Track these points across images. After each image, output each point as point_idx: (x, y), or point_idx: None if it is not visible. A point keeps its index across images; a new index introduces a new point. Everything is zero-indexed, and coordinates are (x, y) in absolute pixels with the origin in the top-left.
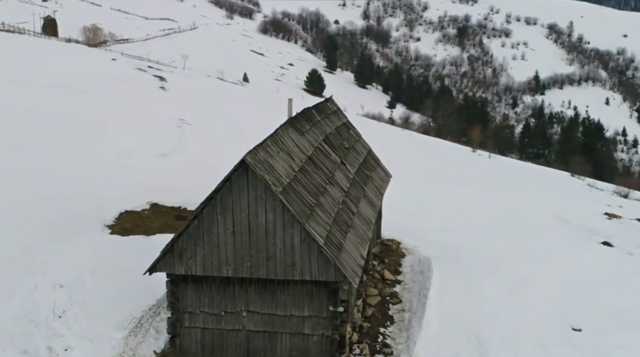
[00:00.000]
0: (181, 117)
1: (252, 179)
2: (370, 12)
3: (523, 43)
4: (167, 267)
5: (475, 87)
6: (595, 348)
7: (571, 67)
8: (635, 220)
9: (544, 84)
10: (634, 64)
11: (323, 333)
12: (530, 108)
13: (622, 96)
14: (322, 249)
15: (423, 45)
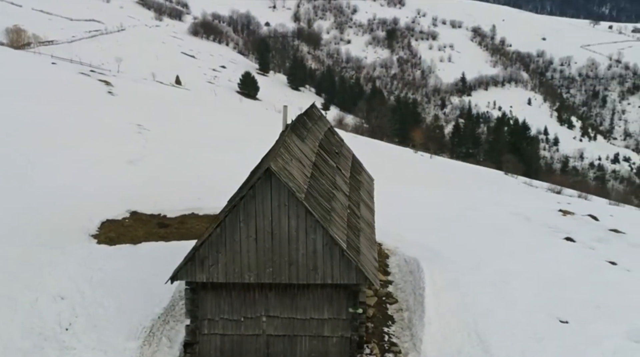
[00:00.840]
0: (138, 123)
1: (276, 186)
2: (300, 14)
3: (449, 46)
4: (188, 275)
5: (405, 88)
6: (584, 339)
7: (495, 69)
8: (587, 215)
9: (470, 86)
10: (553, 66)
11: (342, 334)
12: (458, 109)
13: (543, 97)
14: (345, 253)
15: (354, 48)
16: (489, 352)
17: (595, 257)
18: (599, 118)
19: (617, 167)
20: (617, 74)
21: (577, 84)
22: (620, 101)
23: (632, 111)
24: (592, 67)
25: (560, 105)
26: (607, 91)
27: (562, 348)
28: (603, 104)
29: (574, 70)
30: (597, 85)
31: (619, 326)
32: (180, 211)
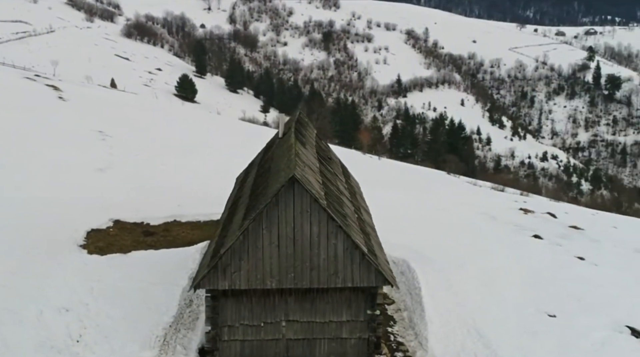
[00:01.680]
0: (99, 129)
1: (298, 194)
2: (236, 16)
3: (384, 48)
4: (211, 283)
5: (343, 90)
6: (573, 331)
7: (429, 71)
8: (546, 213)
9: (406, 87)
10: (484, 68)
11: (360, 336)
12: (394, 110)
13: (475, 97)
14: (365, 256)
15: (290, 50)
16: (490, 348)
17: (564, 253)
18: (528, 118)
19: (545, 165)
20: (543, 75)
21: (507, 85)
22: (547, 101)
23: (558, 111)
24: (520, 68)
25: (492, 105)
26: (535, 92)
27: (555, 341)
28: (531, 104)
29: (504, 72)
30: (525, 86)
31: (601, 319)
32: (162, 219)
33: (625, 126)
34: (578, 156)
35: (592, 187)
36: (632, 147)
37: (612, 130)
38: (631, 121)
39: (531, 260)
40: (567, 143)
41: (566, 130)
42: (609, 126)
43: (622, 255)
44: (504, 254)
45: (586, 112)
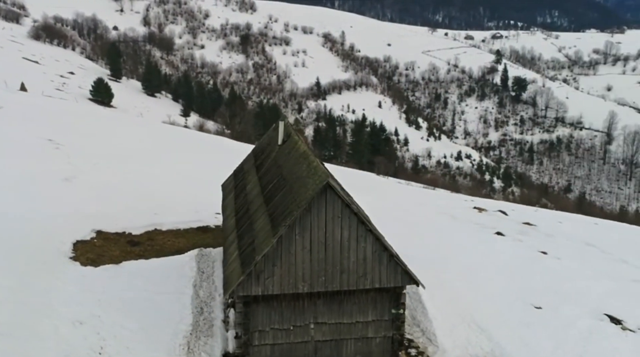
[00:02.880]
0: (48, 138)
1: (330, 200)
2: (150, 18)
3: (302, 51)
4: (244, 289)
5: (263, 93)
6: (560, 321)
7: (347, 74)
8: (497, 211)
9: (325, 90)
10: (399, 71)
11: (385, 334)
12: (314, 113)
13: (392, 99)
14: (394, 258)
15: (208, 53)
16: (493, 340)
17: (528, 249)
18: (442, 119)
19: (460, 164)
20: (455, 77)
21: (421, 87)
22: (459, 103)
23: (469, 112)
24: (434, 71)
25: (408, 107)
26: (448, 94)
27: (548, 331)
28: (445, 105)
29: (418, 75)
30: (439, 88)
31: (581, 308)
32: (143, 228)
33: (531, 126)
34: (489, 155)
35: (504, 184)
36: (538, 145)
37: (519, 129)
38: (537, 121)
39: (502, 255)
40: (479, 143)
41: (478, 131)
42: (517, 126)
43: (576, 248)
44: (477, 251)
45: (496, 112)
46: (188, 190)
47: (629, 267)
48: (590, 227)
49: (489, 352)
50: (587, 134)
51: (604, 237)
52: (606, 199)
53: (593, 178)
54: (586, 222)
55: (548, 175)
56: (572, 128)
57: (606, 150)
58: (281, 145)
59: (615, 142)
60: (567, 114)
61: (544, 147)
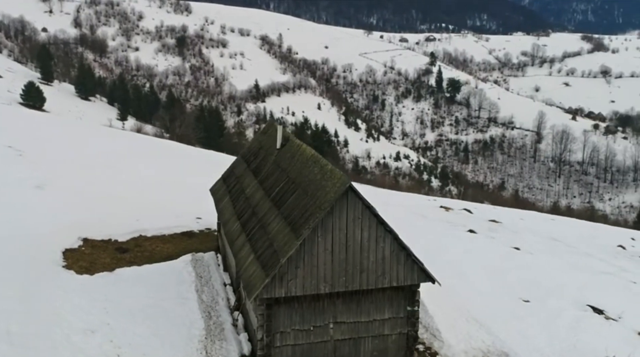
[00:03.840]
0: (8, 145)
1: (351, 201)
2: (81, 20)
3: (240, 53)
4: (268, 292)
5: (201, 96)
6: (548, 313)
7: (285, 76)
8: (463, 210)
9: (264, 92)
10: (337, 73)
11: (400, 331)
12: (254, 115)
13: (331, 101)
14: (411, 257)
15: (143, 55)
16: (492, 334)
17: (501, 245)
18: (380, 120)
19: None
20: (392, 79)
21: (359, 89)
22: (396, 104)
23: (406, 113)
24: (371, 73)
25: (347, 109)
26: (385, 95)
27: (540, 323)
28: (382, 107)
29: (355, 77)
30: (376, 90)
31: (564, 300)
32: (128, 234)
33: (466, 126)
34: (427, 155)
35: (441, 183)
36: (472, 145)
37: (455, 130)
38: (471, 121)
39: (481, 252)
40: (416, 143)
41: (415, 131)
42: (452, 126)
43: (543, 243)
44: (458, 248)
45: (431, 113)
46: (164, 195)
47: (594, 260)
48: (548, 223)
49: (491, 345)
50: (519, 133)
51: (564, 232)
52: (537, 195)
53: (525, 176)
54: (543, 219)
55: (483, 174)
56: (504, 128)
57: (536, 149)
58: (280, 149)
59: (545, 141)
60: (499, 114)
61: (478, 146)
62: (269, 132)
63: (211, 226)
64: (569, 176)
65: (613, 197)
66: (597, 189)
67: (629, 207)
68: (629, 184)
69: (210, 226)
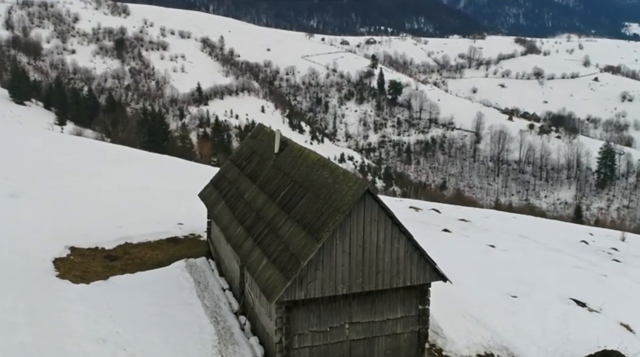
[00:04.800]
0: None
1: (368, 204)
2: (13, 22)
3: (181, 56)
4: (289, 294)
5: (142, 99)
6: (537, 307)
7: (228, 79)
8: (431, 210)
9: (207, 95)
10: (280, 75)
11: (412, 329)
12: (197, 118)
13: (274, 104)
14: (423, 256)
15: (80, 58)
16: (490, 329)
17: (478, 243)
18: (324, 122)
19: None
20: (334, 82)
21: (302, 92)
22: (339, 106)
23: (350, 115)
24: (314, 76)
25: (290, 111)
26: (328, 98)
27: (531, 317)
28: (326, 109)
29: (298, 79)
30: (319, 92)
31: (548, 295)
32: (114, 242)
33: (408, 127)
34: (370, 156)
35: (385, 184)
36: (414, 146)
37: (397, 131)
38: (412, 123)
39: (461, 250)
40: (360, 145)
41: (358, 133)
42: (395, 128)
43: (514, 240)
44: (440, 247)
45: (374, 115)
46: (141, 201)
47: (564, 255)
48: (511, 221)
49: (490, 340)
50: (458, 134)
51: (529, 229)
52: (478, 194)
53: (465, 175)
54: (505, 217)
55: (425, 174)
56: (445, 129)
57: (476, 149)
58: (278, 154)
59: (484, 141)
60: (439, 116)
61: (420, 147)
62: (259, 136)
63: (195, 231)
64: (507, 175)
65: (548, 194)
66: (533, 187)
67: (563, 203)
68: (563, 182)
69: (194, 231)
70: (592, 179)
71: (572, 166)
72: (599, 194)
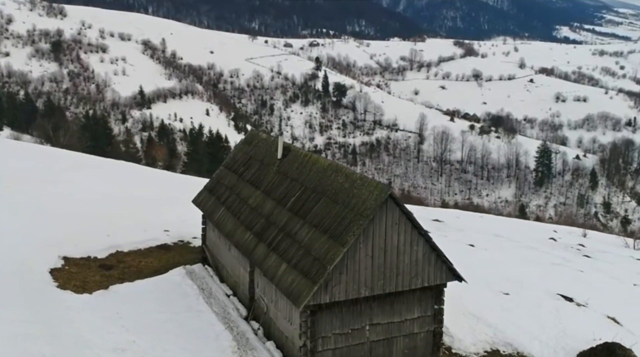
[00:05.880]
0: None
1: (390, 208)
2: None
3: (122, 59)
4: (315, 299)
5: (82, 103)
6: (529, 303)
7: (171, 82)
8: None
9: (149, 98)
10: (224, 78)
11: (428, 329)
12: (140, 122)
13: (219, 107)
14: (441, 258)
15: (15, 61)
16: (491, 326)
17: (456, 242)
18: (270, 125)
19: None
20: (279, 84)
21: (247, 94)
22: (285, 109)
23: (295, 117)
24: (258, 78)
25: (235, 114)
26: (273, 100)
27: (526, 313)
28: (271, 112)
29: (243, 82)
30: (264, 95)
31: (537, 291)
32: (105, 250)
33: (353, 129)
34: None
35: None
36: (360, 147)
37: (342, 133)
38: (357, 124)
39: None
40: (306, 147)
41: (304, 135)
42: (340, 130)
43: (490, 240)
44: None
45: (320, 117)
46: (121, 209)
47: (540, 252)
48: (479, 221)
49: (494, 336)
50: (402, 135)
51: (499, 228)
52: (422, 194)
53: (410, 175)
54: (473, 217)
55: (371, 175)
56: (389, 130)
57: (419, 150)
58: (282, 160)
59: (427, 142)
60: (383, 117)
61: (366, 148)
62: (254, 142)
63: (182, 238)
64: (450, 175)
65: (490, 193)
66: (475, 186)
67: (504, 201)
68: (504, 180)
69: (182, 238)
70: (530, 178)
71: (511, 165)
72: (537, 192)
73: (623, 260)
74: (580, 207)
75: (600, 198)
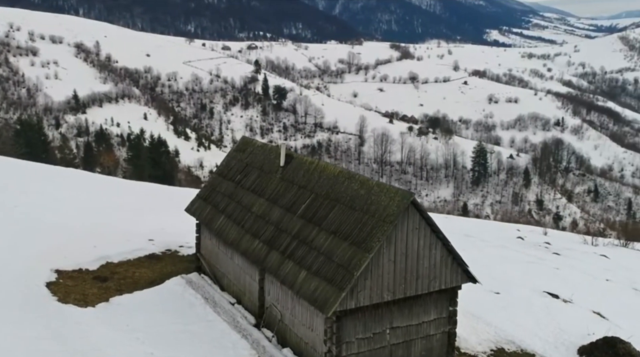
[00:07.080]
0: None
1: (411, 213)
2: None
3: (53, 62)
4: (341, 304)
5: (12, 109)
6: (521, 302)
7: (107, 86)
8: None
9: (84, 103)
10: (161, 81)
11: (443, 330)
12: (75, 127)
13: (157, 111)
14: (457, 260)
15: None
16: (491, 325)
17: None
18: (210, 128)
19: None
20: (218, 87)
21: (186, 98)
22: (225, 112)
23: (235, 121)
24: (197, 81)
25: (174, 118)
26: (213, 103)
27: (520, 311)
28: (211, 115)
29: (181, 85)
30: (204, 98)
31: (524, 289)
32: (95, 262)
33: (294, 132)
34: None
35: None
36: (302, 150)
37: (284, 136)
38: (298, 127)
39: None
40: None
41: None
42: (281, 132)
43: (463, 240)
44: None
45: (260, 120)
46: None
47: (513, 252)
48: (445, 221)
49: (496, 335)
50: (343, 137)
51: (466, 228)
52: None
53: None
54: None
55: None
56: (330, 132)
57: (360, 152)
58: (285, 167)
59: (367, 144)
60: (324, 120)
61: (307, 151)
62: (248, 150)
63: (169, 247)
64: (391, 176)
65: (429, 193)
66: (415, 186)
67: (443, 201)
68: (442, 180)
69: (168, 247)
70: (467, 177)
71: (449, 165)
72: (474, 191)
73: (588, 256)
74: (515, 205)
75: (533, 196)
